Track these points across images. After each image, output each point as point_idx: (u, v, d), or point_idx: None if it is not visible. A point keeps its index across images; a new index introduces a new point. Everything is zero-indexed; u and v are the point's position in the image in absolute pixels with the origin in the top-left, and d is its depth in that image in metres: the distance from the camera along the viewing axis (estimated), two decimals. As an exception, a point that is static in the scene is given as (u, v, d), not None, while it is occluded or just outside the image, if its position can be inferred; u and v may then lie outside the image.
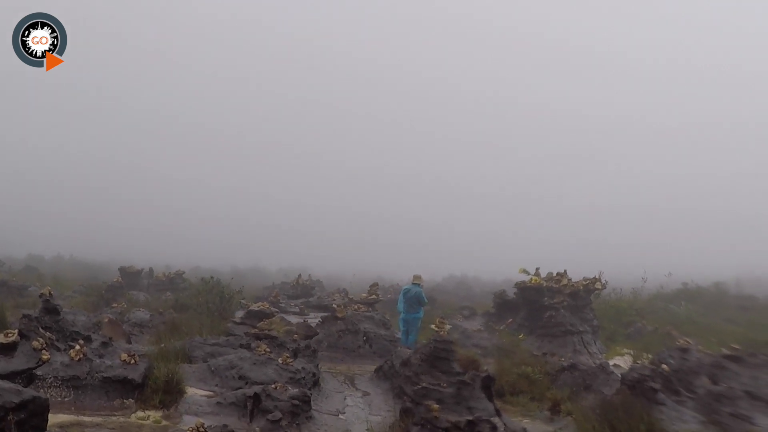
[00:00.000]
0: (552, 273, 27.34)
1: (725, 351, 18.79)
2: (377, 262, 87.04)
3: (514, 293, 28.28)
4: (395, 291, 39.93)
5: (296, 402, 12.61)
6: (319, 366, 17.48)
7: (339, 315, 22.72)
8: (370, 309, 25.37)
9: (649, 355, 22.67)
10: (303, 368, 15.24)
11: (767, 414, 15.73)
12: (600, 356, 24.19)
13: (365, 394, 16.64)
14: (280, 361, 15.06)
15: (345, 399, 15.85)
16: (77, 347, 13.16)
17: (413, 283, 22.75)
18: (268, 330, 17.61)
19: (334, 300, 31.84)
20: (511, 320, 27.24)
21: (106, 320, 19.01)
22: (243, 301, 29.70)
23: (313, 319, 26.04)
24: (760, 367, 18.30)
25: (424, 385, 13.72)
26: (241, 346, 17.15)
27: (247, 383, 14.24)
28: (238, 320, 22.37)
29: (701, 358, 18.35)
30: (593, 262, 29.37)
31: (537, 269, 27.35)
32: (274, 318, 19.53)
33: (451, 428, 11.50)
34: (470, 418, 11.90)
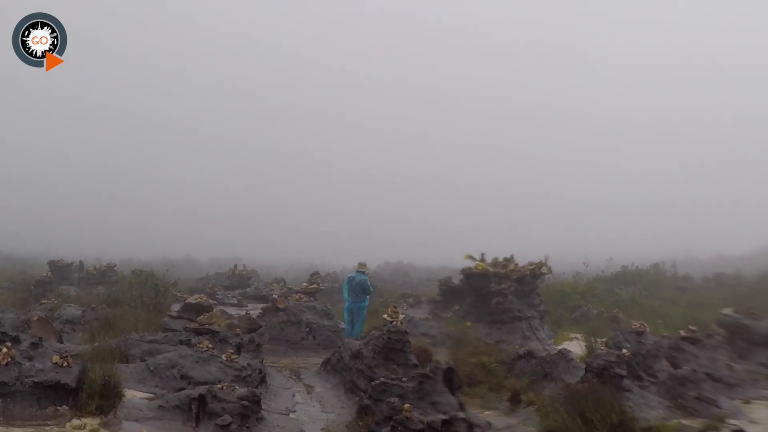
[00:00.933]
0: (497, 258, 26.60)
1: (682, 333, 18.30)
2: (310, 251, 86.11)
3: (460, 280, 27.50)
4: (332, 280, 39.17)
5: (245, 403, 11.60)
6: (264, 360, 16.57)
7: (280, 306, 21.81)
8: (312, 299, 24.41)
9: (598, 339, 22.16)
10: (248, 365, 14.23)
11: (729, 396, 15.31)
12: (548, 342, 23.67)
13: (315, 389, 15.74)
14: (224, 358, 14.02)
15: (294, 396, 14.92)
16: (4, 349, 11.94)
17: (358, 271, 21.86)
18: (209, 324, 16.56)
19: (273, 290, 30.84)
20: (457, 307, 26.48)
21: (35, 318, 17.72)
22: (178, 293, 28.50)
23: (253, 310, 25.06)
24: (716, 348, 17.86)
25: (382, 379, 12.79)
26: (181, 342, 16.08)
27: (190, 383, 13.22)
28: (174, 314, 21.22)
29: (659, 341, 17.83)
30: (530, 249, 28.73)
31: (482, 255, 26.57)
32: (214, 311, 18.49)
33: (426, 429, 10.63)
34: (445, 417, 11.09)
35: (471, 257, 26.46)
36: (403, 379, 12.97)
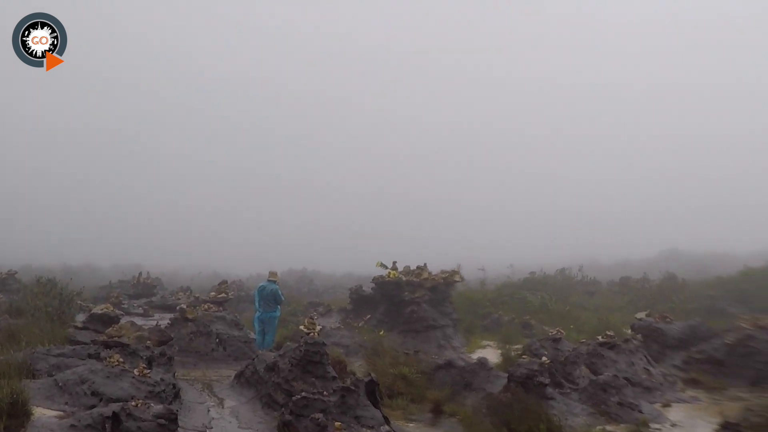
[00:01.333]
0: (409, 267, 26.37)
1: (600, 338, 18.30)
2: (212, 259, 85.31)
3: (372, 288, 27.22)
4: (239, 288, 38.58)
5: (162, 421, 11.05)
6: (175, 374, 16.03)
7: (189, 316, 21.21)
8: (221, 308, 23.82)
9: (513, 347, 22.12)
10: (161, 379, 13.67)
11: (649, 400, 15.40)
12: (462, 350, 23.51)
13: (229, 404, 15.22)
14: (136, 373, 13.43)
15: (209, 411, 14.36)
16: None
17: (269, 280, 21.40)
18: (118, 337, 15.90)
19: (180, 299, 30.15)
20: (369, 316, 26.22)
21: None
22: (82, 303, 27.62)
23: (161, 320, 24.38)
24: (633, 352, 17.91)
25: (303, 394, 12.37)
26: (90, 356, 15.41)
27: (101, 400, 12.61)
28: (80, 325, 20.43)
29: (577, 348, 17.79)
30: (433, 256, 28.59)
31: (394, 263, 26.32)
32: (123, 323, 17.76)
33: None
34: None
35: (383, 265, 26.19)
36: (325, 393, 12.57)
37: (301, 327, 15.47)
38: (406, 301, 24.51)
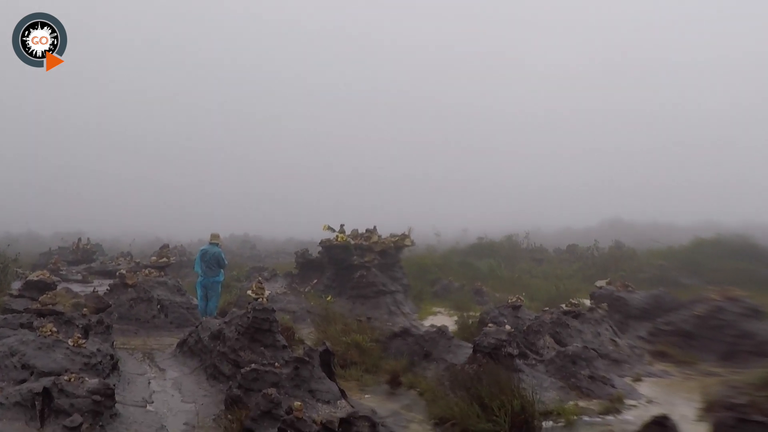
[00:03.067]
0: (357, 230, 25.37)
1: (564, 306, 17.43)
2: (153, 225, 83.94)
3: (319, 252, 26.19)
4: (180, 253, 37.47)
5: (97, 397, 9.95)
6: (114, 343, 14.92)
7: (129, 282, 20.07)
8: (162, 274, 22.63)
9: (466, 313, 21.35)
10: (98, 350, 12.49)
11: (618, 373, 14.57)
12: (414, 317, 22.70)
13: (172, 375, 14.14)
14: (71, 343, 12.25)
15: (149, 384, 13.25)
16: None
17: (211, 243, 20.27)
18: (52, 305, 14.73)
19: (120, 265, 28.76)
20: (316, 281, 25.23)
21: None
22: (19, 270, 26.26)
23: (100, 287, 23.12)
24: (599, 322, 17.04)
25: (254, 366, 11.33)
26: (22, 325, 14.21)
27: (32, 374, 11.46)
28: (15, 293, 19.24)
29: (541, 316, 16.88)
30: (377, 222, 27.68)
31: (341, 226, 25.26)
32: (58, 290, 16.59)
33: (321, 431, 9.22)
34: (343, 416, 9.66)
35: (330, 228, 25.13)
36: (276, 364, 11.54)
37: (249, 292, 14.41)
38: (354, 266, 23.57)
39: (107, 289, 20.45)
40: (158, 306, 19.76)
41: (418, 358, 14.76)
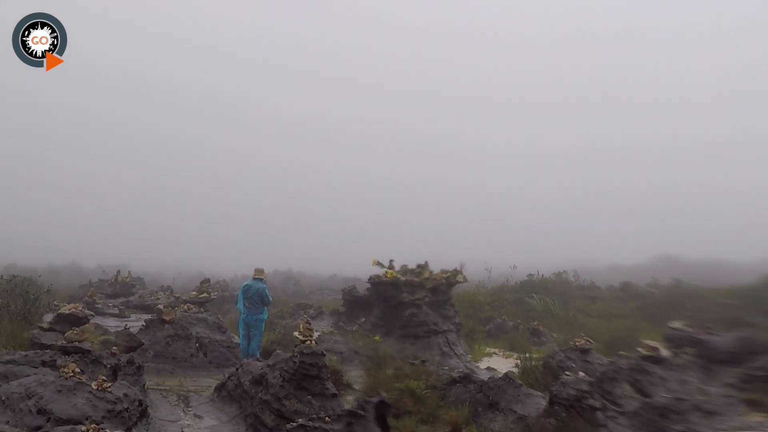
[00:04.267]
0: (407, 266, 23.75)
1: (641, 350, 15.64)
2: (197, 260, 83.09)
3: (367, 289, 24.60)
4: (222, 288, 36.14)
5: (119, 453, 8.49)
6: (146, 385, 13.45)
7: (166, 318, 18.67)
8: (202, 310, 21.20)
9: (530, 356, 19.77)
10: (125, 395, 10.98)
11: (713, 427, 12.58)
12: (467, 358, 21.05)
13: (208, 423, 12.64)
14: (95, 387, 10.78)
15: (183, 433, 11.82)
16: None
17: (254, 278, 18.97)
18: (79, 341, 13.32)
19: (159, 299, 27.46)
20: (363, 319, 23.67)
21: None
22: (54, 302, 24.93)
23: (136, 322, 21.80)
24: (684, 368, 15.15)
25: (301, 422, 9.76)
26: (44, 363, 12.80)
27: (49, 420, 10.04)
28: (46, 326, 17.84)
29: (616, 362, 15.11)
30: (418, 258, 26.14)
31: (391, 261, 23.62)
32: (86, 325, 15.11)
33: None
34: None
35: (379, 264, 23.50)
36: (327, 419, 9.96)
37: (296, 334, 12.80)
38: (405, 303, 21.94)
39: (143, 325, 19.10)
40: (197, 344, 18.36)
41: (482, 408, 13.07)
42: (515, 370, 17.61)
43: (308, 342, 12.09)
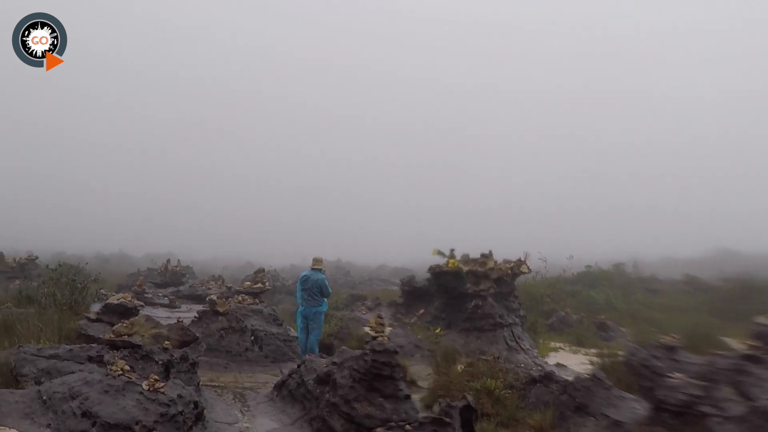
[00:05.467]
0: (468, 255, 22.26)
1: (741, 348, 14.15)
2: (247, 250, 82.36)
3: (426, 279, 23.18)
4: (274, 279, 34.99)
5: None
6: (200, 383, 12.23)
7: (220, 309, 17.42)
8: (257, 301, 19.92)
9: (597, 352, 18.50)
10: (179, 396, 9.70)
11: None
12: (533, 352, 19.65)
13: (268, 426, 11.35)
14: (146, 387, 9.51)
15: (243, 438, 10.55)
16: None
17: (313, 268, 17.71)
18: (128, 335, 12.05)
19: (210, 289, 26.20)
20: (423, 311, 22.23)
21: None
22: (102, 291, 23.74)
23: (187, 312, 20.64)
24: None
25: (379, 431, 8.44)
26: (90, 359, 11.60)
27: (94, 425, 8.81)
28: (93, 316, 16.65)
29: (713, 361, 13.59)
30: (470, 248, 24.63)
31: (452, 251, 22.13)
32: (136, 317, 13.82)
33: None
34: None
35: (440, 253, 22.00)
36: (407, 426, 8.62)
37: (366, 328, 11.48)
38: (468, 295, 20.50)
39: (195, 317, 17.83)
40: (252, 337, 17.12)
41: (567, 411, 11.62)
42: (588, 367, 16.31)
43: (380, 338, 10.77)
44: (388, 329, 11.21)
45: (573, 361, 18.96)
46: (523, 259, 21.86)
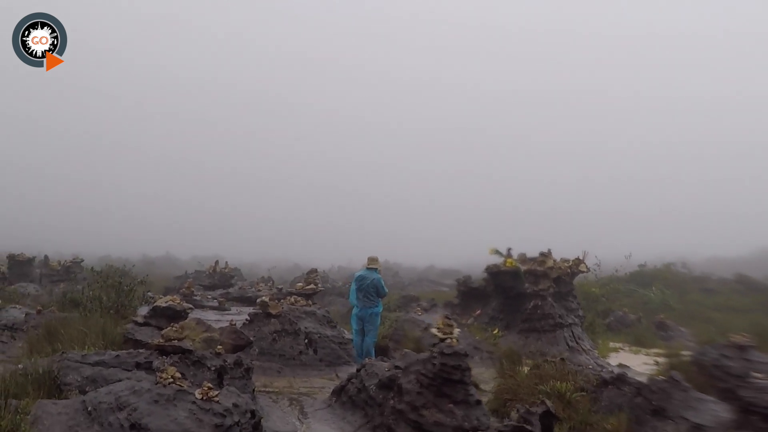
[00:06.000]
0: (525, 255, 21.28)
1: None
2: (292, 251, 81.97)
3: (483, 279, 22.23)
4: (323, 280, 34.03)
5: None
6: (254, 389, 11.39)
7: (273, 311, 16.46)
8: (310, 302, 19.04)
9: (652, 351, 17.74)
10: (235, 405, 8.79)
11: None
12: (594, 353, 18.69)
13: (330, 435, 10.48)
14: (199, 396, 8.62)
15: (304, 451, 9.67)
16: None
17: (368, 268, 16.75)
18: (178, 340, 11.18)
19: (260, 291, 25.28)
20: (479, 311, 21.34)
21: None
22: (149, 293, 22.93)
23: (238, 315, 19.77)
24: None
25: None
26: (138, 366, 10.77)
27: (144, 439, 7.97)
28: (140, 320, 15.85)
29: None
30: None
31: (509, 250, 21.15)
32: (186, 321, 12.95)
33: None
34: None
35: (497, 252, 21.04)
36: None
37: (433, 330, 10.52)
38: (527, 294, 19.56)
39: (247, 319, 16.92)
40: (306, 340, 16.22)
41: (644, 414, 10.64)
42: (652, 367, 15.53)
43: (449, 340, 9.85)
44: (456, 330, 10.25)
45: (635, 362, 18.23)
46: (581, 257, 20.89)
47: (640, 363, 18.06)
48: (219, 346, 11.43)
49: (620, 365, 17.50)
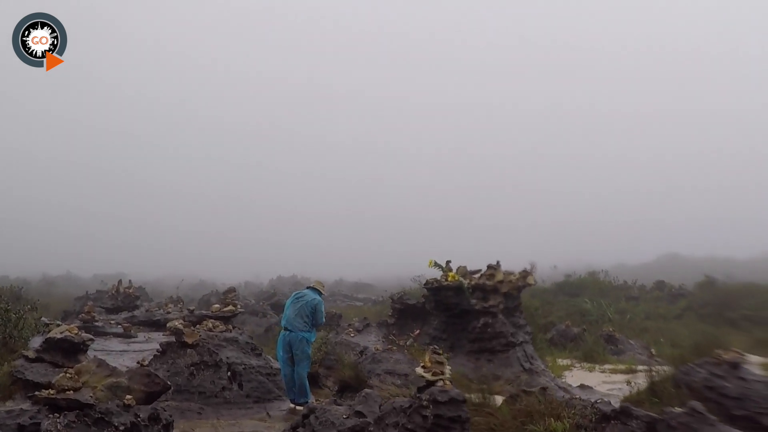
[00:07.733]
0: (465, 267, 18.79)
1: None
2: (197, 268, 79.00)
3: (423, 296, 19.78)
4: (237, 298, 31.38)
5: None
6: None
7: (188, 340, 13.51)
8: (230, 327, 16.17)
9: (606, 367, 16.00)
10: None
11: None
12: (550, 373, 16.53)
13: None
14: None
15: None
16: None
17: (312, 288, 14.21)
18: (75, 389, 8.24)
19: (170, 313, 22.17)
20: (418, 331, 18.87)
21: None
22: (45, 319, 19.57)
23: (146, 343, 16.94)
24: None
25: None
26: (22, 429, 7.86)
27: None
28: (32, 354, 12.89)
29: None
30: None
31: (448, 263, 18.59)
32: (85, 363, 9.79)
33: None
34: None
35: (437, 265, 18.47)
36: None
37: (418, 370, 7.87)
38: (473, 311, 17.06)
39: (158, 350, 13.90)
40: (229, 373, 13.36)
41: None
42: (617, 387, 14.62)
43: (440, 383, 7.23)
44: (447, 369, 7.64)
45: (593, 381, 16.49)
46: (529, 270, 18.53)
47: (599, 382, 16.37)
48: (128, 396, 8.50)
49: (582, 386, 15.43)
